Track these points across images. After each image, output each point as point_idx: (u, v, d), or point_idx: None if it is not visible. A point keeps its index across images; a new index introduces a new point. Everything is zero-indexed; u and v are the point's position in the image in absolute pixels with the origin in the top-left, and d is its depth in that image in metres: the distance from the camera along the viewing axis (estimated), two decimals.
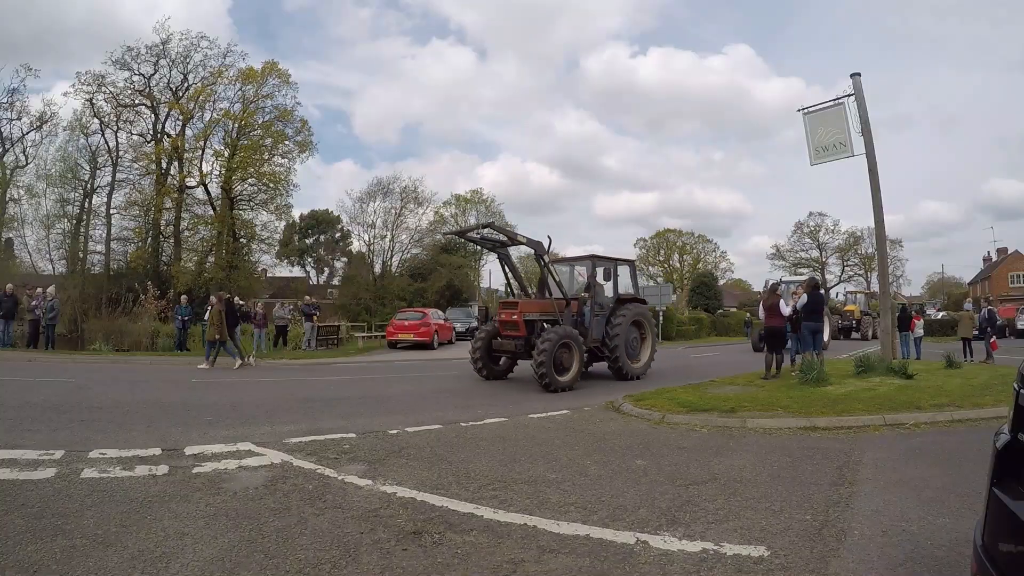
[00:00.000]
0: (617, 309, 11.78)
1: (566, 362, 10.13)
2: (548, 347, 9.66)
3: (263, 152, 31.93)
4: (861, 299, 33.34)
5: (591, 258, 11.94)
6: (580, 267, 12.79)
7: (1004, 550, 1.70)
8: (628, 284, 12.83)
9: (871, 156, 10.60)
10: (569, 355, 10.19)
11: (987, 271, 58.78)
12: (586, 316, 11.36)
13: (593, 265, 11.71)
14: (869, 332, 28.86)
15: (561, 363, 10.00)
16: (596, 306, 11.52)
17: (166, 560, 2.87)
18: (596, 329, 11.37)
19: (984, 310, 17.03)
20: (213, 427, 6.19)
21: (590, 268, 11.76)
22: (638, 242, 65.89)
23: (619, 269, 12.41)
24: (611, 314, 11.65)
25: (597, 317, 11.44)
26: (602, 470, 4.72)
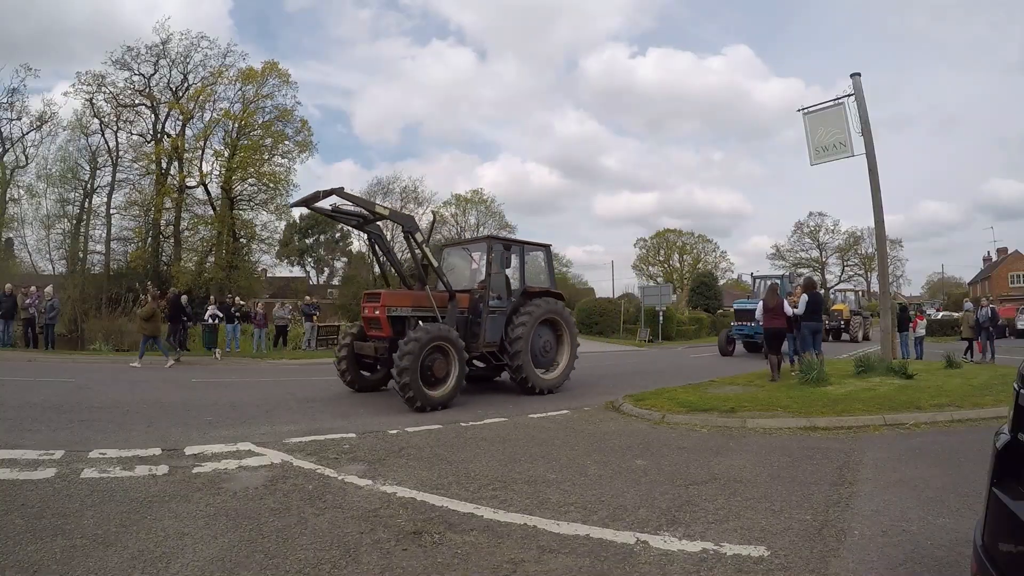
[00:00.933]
0: (522, 305, 9.46)
1: (438, 371, 7.83)
2: (412, 351, 7.40)
3: (263, 152, 31.94)
4: (851, 298, 30.81)
5: (488, 239, 9.66)
6: (478, 251, 10.26)
7: (1004, 550, 1.70)
8: (541, 274, 10.74)
9: (871, 156, 10.60)
10: (444, 362, 7.90)
11: (987, 271, 58.75)
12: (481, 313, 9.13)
13: (490, 248, 9.33)
14: (859, 333, 26.62)
15: (432, 373, 7.75)
16: (493, 300, 9.27)
17: (166, 560, 2.87)
18: (492, 330, 9.14)
19: (986, 308, 16.98)
20: (213, 427, 6.19)
21: (485, 252, 9.40)
22: (638, 242, 66.00)
23: (527, 255, 10.21)
24: (514, 311, 9.37)
25: (494, 315, 9.18)
26: (602, 470, 4.72)
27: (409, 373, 7.35)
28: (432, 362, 7.76)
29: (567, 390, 10.00)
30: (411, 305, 8.51)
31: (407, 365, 7.34)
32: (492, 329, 9.16)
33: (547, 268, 10.57)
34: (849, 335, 26.49)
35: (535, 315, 9.36)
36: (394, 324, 8.31)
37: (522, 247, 10.13)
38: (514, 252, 9.79)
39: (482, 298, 9.13)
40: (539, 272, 10.86)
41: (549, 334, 9.85)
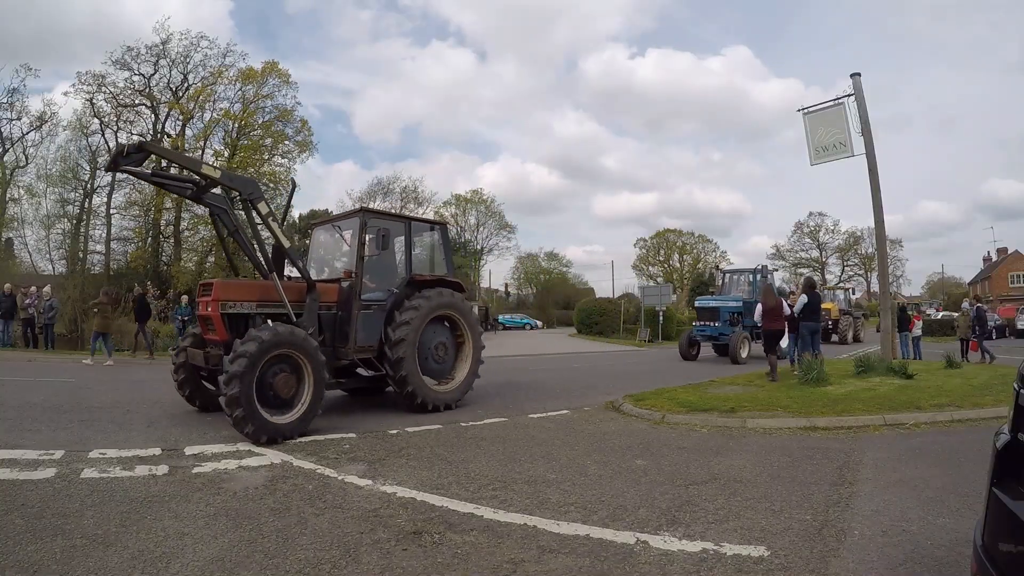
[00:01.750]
0: (408, 298, 7.45)
1: (283, 389, 5.86)
2: (244, 362, 5.47)
3: (263, 152, 31.95)
4: (841, 296, 28.35)
5: (360, 212, 7.51)
6: (350, 229, 7.75)
7: (1004, 550, 1.70)
8: (435, 259, 8.74)
9: (871, 156, 10.60)
10: (290, 377, 5.93)
11: (987, 271, 58.78)
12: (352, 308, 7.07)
13: (363, 223, 7.21)
14: (849, 334, 24.59)
15: (274, 391, 5.80)
16: (369, 292, 7.35)
17: (166, 560, 2.88)
18: (366, 329, 7.16)
19: (973, 308, 16.92)
20: (213, 427, 6.19)
21: (358, 231, 7.22)
22: (638, 242, 65.98)
23: (417, 235, 8.16)
24: (396, 306, 7.37)
25: (369, 311, 7.23)
26: (602, 470, 4.72)
27: (241, 396, 5.39)
28: (275, 376, 5.80)
29: (567, 392, 9.96)
30: (255, 299, 6.46)
31: (237, 376, 5.42)
32: (366, 329, 7.18)
33: (443, 252, 8.54)
34: (838, 336, 24.31)
35: (424, 310, 7.36)
36: (232, 324, 6.28)
37: (407, 224, 8.07)
38: (396, 230, 7.80)
39: (353, 289, 7.11)
40: (432, 257, 8.84)
41: (444, 334, 7.91)
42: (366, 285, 7.36)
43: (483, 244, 52.38)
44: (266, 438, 5.50)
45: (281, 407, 5.87)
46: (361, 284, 7.17)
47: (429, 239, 8.68)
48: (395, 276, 7.96)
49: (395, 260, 8.20)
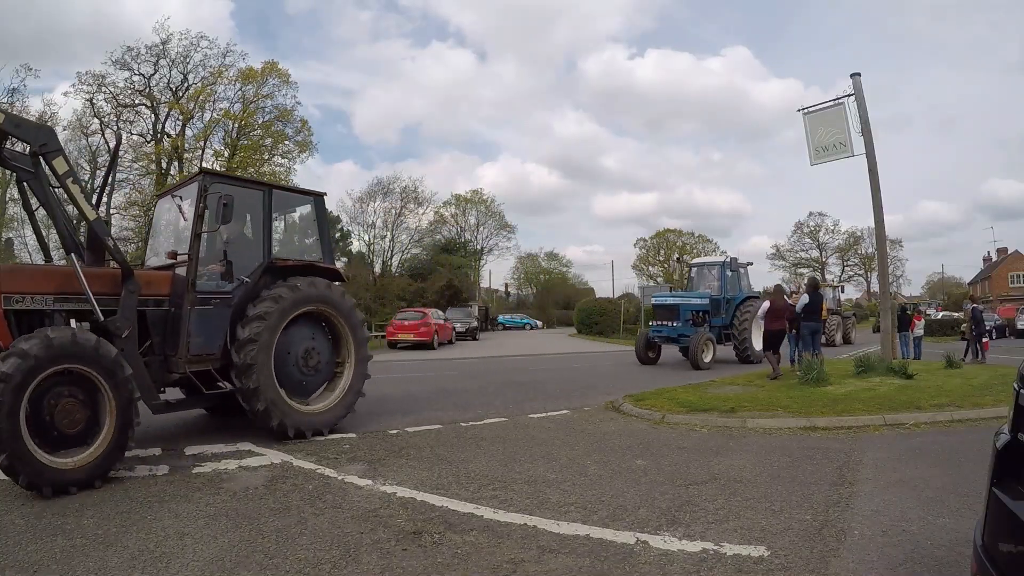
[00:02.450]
0: (265, 289, 5.78)
1: (69, 421, 4.21)
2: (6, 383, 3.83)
3: (263, 152, 32.01)
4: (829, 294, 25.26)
5: (201, 174, 5.70)
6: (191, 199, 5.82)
7: (1004, 550, 1.70)
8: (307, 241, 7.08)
9: (871, 156, 10.60)
10: (80, 405, 4.30)
11: (987, 271, 58.80)
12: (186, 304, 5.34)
13: (202, 189, 5.48)
14: (837, 336, 22.84)
15: (54, 425, 4.14)
16: (206, 280, 5.64)
17: (166, 560, 2.88)
18: (204, 331, 5.47)
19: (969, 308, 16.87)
20: (213, 427, 6.19)
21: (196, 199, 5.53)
22: (638, 242, 65.94)
23: (280, 207, 6.49)
24: (248, 299, 5.69)
25: (208, 306, 5.52)
26: (602, 470, 4.72)
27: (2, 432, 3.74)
28: (57, 403, 4.16)
29: (567, 392, 9.95)
30: (52, 291, 4.78)
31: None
32: (204, 330, 5.45)
33: (318, 232, 6.67)
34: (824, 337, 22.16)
35: (285, 304, 5.61)
36: (24, 324, 4.57)
37: (266, 192, 6.11)
38: (248, 200, 6.00)
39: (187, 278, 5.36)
40: (304, 238, 7.09)
41: (316, 338, 6.11)
42: (210, 272, 5.69)
43: (483, 244, 52.44)
44: (49, 490, 3.86)
45: (66, 445, 4.15)
46: (196, 270, 5.37)
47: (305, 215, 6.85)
48: (253, 261, 5.93)
49: (253, 241, 6.20)
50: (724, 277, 15.53)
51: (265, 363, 5.50)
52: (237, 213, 5.65)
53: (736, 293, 15.64)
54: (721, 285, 15.57)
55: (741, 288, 15.89)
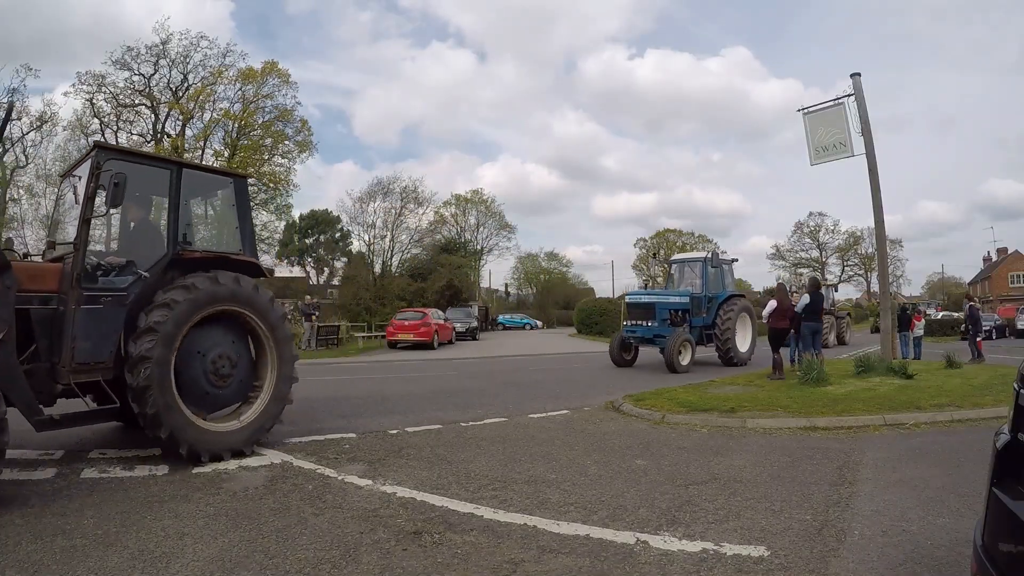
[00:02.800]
0: (169, 284, 4.89)
1: None
2: None
3: (263, 152, 31.98)
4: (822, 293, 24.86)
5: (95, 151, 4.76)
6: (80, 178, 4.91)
7: (1004, 550, 1.70)
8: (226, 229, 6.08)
9: (871, 156, 10.59)
10: None
11: (987, 271, 58.80)
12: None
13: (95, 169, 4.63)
14: (831, 337, 21.08)
15: None
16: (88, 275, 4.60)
17: (166, 560, 2.88)
18: (92, 336, 4.53)
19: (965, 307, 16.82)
20: None
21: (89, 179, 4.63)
22: (638, 242, 65.94)
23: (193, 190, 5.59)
24: (146, 298, 4.77)
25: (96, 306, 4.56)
26: (602, 470, 4.72)
27: None
28: None
29: (567, 392, 9.94)
30: None
31: None
32: (92, 334, 4.52)
33: (237, 220, 5.72)
34: None
35: (186, 306, 4.72)
36: None
37: (174, 171, 5.16)
38: (151, 180, 5.16)
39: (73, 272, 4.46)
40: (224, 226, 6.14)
41: (231, 342, 5.19)
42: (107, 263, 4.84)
43: (483, 244, 52.44)
44: None
45: None
46: (83, 262, 4.53)
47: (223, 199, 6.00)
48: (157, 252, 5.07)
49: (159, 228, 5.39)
50: (705, 274, 14.74)
51: (163, 383, 4.52)
52: (143, 196, 5.13)
53: (719, 291, 14.90)
54: (703, 283, 14.81)
55: (725, 286, 15.21)
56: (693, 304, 14.34)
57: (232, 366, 5.16)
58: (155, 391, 4.49)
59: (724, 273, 15.36)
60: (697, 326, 14.31)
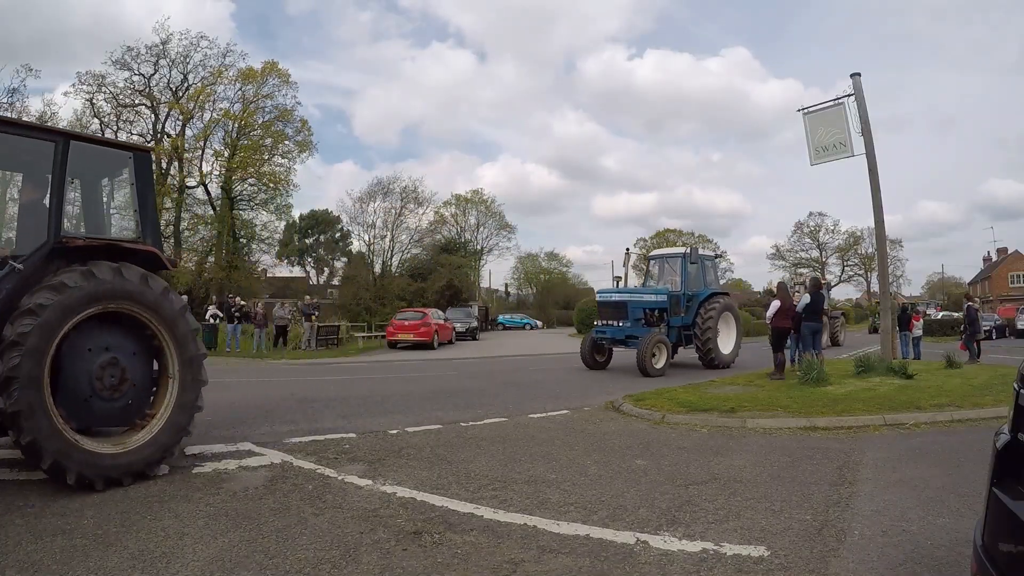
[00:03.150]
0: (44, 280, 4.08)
1: None
2: None
3: (263, 152, 32.01)
4: None
5: None
6: None
7: (1004, 550, 1.70)
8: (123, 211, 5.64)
9: (871, 156, 10.60)
10: None
11: (987, 271, 58.83)
12: None
13: None
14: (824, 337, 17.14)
15: None
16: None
17: (166, 560, 2.88)
18: None
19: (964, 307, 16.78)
20: (213, 427, 6.19)
21: None
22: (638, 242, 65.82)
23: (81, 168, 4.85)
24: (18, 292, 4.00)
25: None
26: (602, 470, 4.72)
27: None
28: None
29: (567, 392, 9.93)
30: None
31: None
32: None
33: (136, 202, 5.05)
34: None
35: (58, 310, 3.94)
36: None
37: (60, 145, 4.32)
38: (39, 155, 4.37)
39: None
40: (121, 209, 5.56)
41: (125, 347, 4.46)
42: None
43: (483, 244, 52.45)
44: None
45: None
46: None
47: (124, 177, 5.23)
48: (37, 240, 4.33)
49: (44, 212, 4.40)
50: (685, 270, 13.75)
51: (33, 376, 3.77)
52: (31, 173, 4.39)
53: (699, 289, 13.95)
54: (682, 279, 13.82)
55: (706, 283, 14.24)
56: (671, 302, 13.45)
57: (123, 375, 4.37)
58: (21, 383, 3.72)
59: (706, 269, 14.48)
60: (676, 326, 13.47)
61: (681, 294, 13.74)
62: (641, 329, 12.75)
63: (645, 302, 13.28)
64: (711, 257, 15.07)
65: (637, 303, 13.12)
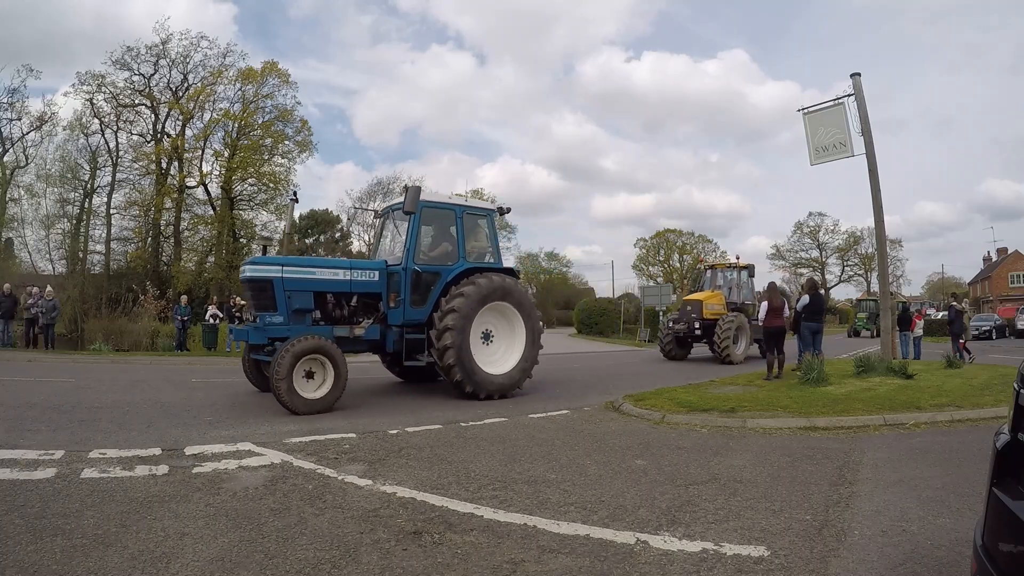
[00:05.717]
0: None
1: None
2: None
3: (263, 152, 32.00)
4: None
5: None
6: None
7: (1004, 550, 1.70)
8: None
9: (871, 156, 10.60)
10: None
11: (987, 271, 58.80)
12: None
13: None
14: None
15: None
16: None
17: (166, 560, 2.87)
18: None
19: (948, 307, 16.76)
20: (213, 427, 6.19)
21: None
22: (638, 242, 65.94)
23: None
24: None
25: None
26: (602, 470, 4.72)
27: None
28: None
29: (567, 392, 9.92)
30: None
31: None
32: None
33: None
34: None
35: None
36: None
37: None
38: None
39: None
40: None
41: None
42: None
43: None
44: None
45: None
46: None
47: None
48: None
49: None
50: (413, 230, 8.37)
51: None
52: None
53: (452, 262, 8.70)
54: (408, 247, 8.32)
55: (466, 253, 8.80)
56: (391, 284, 8.37)
57: None
58: None
59: (467, 230, 8.94)
60: (396, 325, 8.36)
61: (402, 269, 8.30)
62: (301, 327, 7.68)
63: (316, 281, 7.94)
64: (485, 210, 9.40)
65: (299, 281, 7.76)
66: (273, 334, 7.61)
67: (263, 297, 7.75)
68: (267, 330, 7.66)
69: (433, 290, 8.54)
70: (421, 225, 8.64)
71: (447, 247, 9.03)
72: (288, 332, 7.52)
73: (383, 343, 8.46)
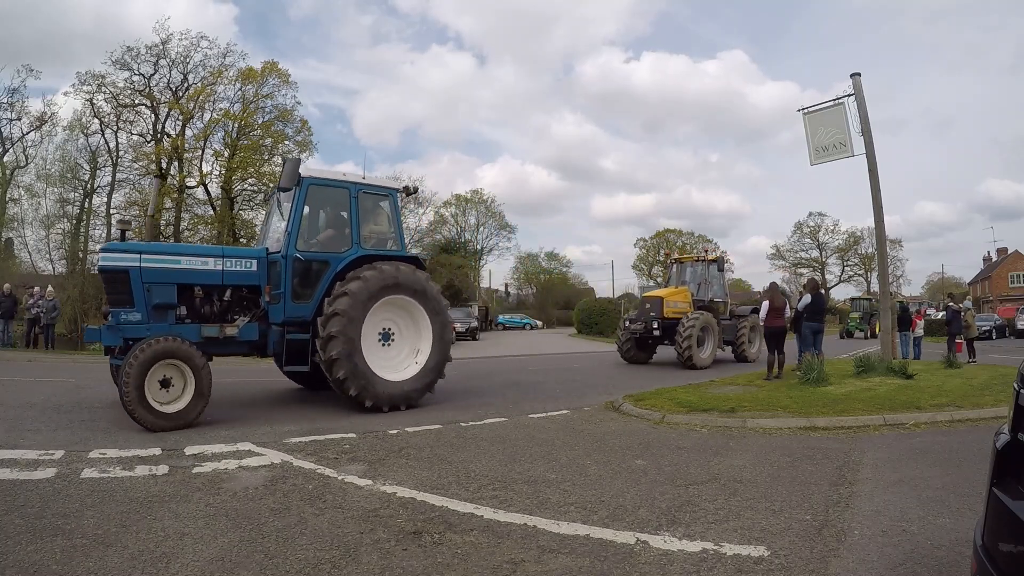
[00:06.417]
0: None
1: None
2: None
3: (263, 152, 31.98)
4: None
5: None
6: None
7: (1004, 550, 1.70)
8: None
9: (871, 156, 10.60)
10: None
11: (987, 271, 58.80)
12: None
13: None
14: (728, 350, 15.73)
15: None
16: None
17: (166, 560, 2.87)
18: None
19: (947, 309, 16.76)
20: (213, 427, 6.19)
21: None
22: (638, 242, 65.96)
23: None
24: None
25: None
26: (602, 470, 4.72)
27: None
28: None
29: (567, 392, 9.94)
30: None
31: None
32: None
33: None
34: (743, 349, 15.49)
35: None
36: None
37: None
38: None
39: None
40: None
41: None
42: None
43: (483, 244, 52.48)
44: None
45: None
46: None
47: None
48: None
49: None
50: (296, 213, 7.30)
51: None
52: None
53: (344, 248, 7.62)
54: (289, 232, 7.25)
55: (362, 239, 7.69)
56: (271, 274, 7.29)
57: None
58: None
59: (363, 212, 7.83)
60: (277, 324, 7.29)
61: (282, 256, 7.22)
62: (162, 325, 6.59)
63: (181, 272, 6.83)
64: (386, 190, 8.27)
65: (160, 272, 6.65)
66: (129, 334, 6.40)
67: (118, 290, 6.53)
68: (122, 329, 6.42)
69: (320, 282, 7.36)
70: (308, 206, 7.56)
71: (338, 231, 7.87)
72: (147, 332, 6.39)
73: (264, 344, 7.30)
